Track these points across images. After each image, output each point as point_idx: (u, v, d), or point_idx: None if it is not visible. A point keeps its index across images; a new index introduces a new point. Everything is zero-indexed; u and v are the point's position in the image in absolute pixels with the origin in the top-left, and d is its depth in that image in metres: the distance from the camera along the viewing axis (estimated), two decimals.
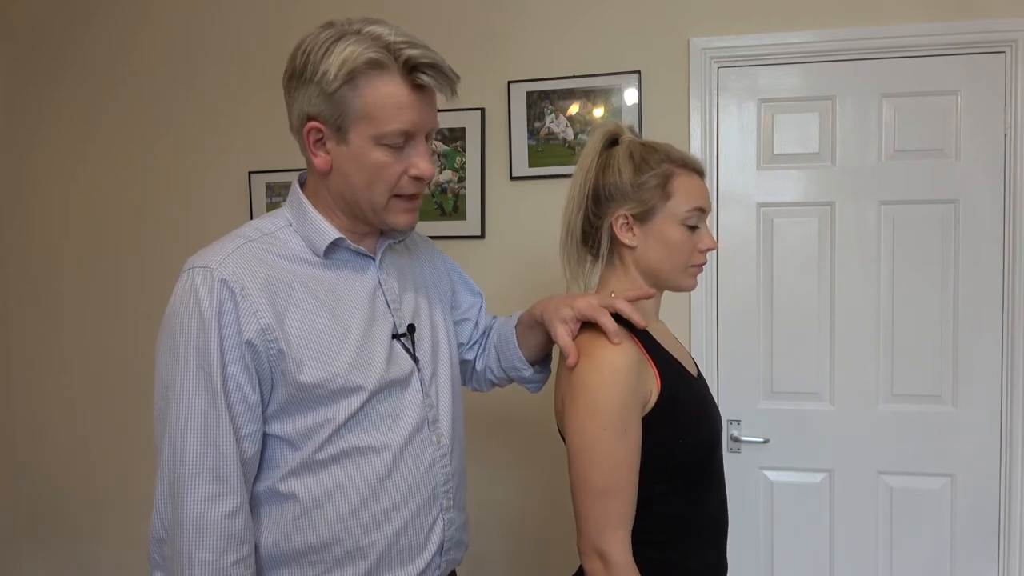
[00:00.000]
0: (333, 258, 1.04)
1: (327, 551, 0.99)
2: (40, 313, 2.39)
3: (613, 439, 1.00)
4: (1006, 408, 1.86)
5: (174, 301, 0.95)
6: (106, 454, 2.34)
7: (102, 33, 2.29)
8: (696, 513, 1.10)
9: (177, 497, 0.91)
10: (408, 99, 0.96)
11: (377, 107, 0.94)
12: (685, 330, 1.97)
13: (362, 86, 0.94)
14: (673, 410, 1.06)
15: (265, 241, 1.01)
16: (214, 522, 0.91)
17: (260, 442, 0.97)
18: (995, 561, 1.89)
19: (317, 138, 0.98)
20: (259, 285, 0.95)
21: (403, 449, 1.02)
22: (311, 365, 0.96)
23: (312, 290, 1.00)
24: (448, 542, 1.09)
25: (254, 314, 0.93)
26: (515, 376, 1.27)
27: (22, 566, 2.44)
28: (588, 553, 1.02)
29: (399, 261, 1.14)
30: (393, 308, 1.07)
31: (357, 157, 0.97)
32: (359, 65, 0.93)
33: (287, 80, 0.99)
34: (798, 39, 1.89)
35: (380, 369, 1.01)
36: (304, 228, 1.03)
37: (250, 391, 0.94)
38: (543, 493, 2.06)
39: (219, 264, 0.94)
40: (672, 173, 1.11)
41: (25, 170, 2.38)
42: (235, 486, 0.93)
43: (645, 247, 1.12)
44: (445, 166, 2.07)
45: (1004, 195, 1.85)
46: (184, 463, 0.91)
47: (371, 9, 2.04)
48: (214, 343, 0.92)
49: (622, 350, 1.02)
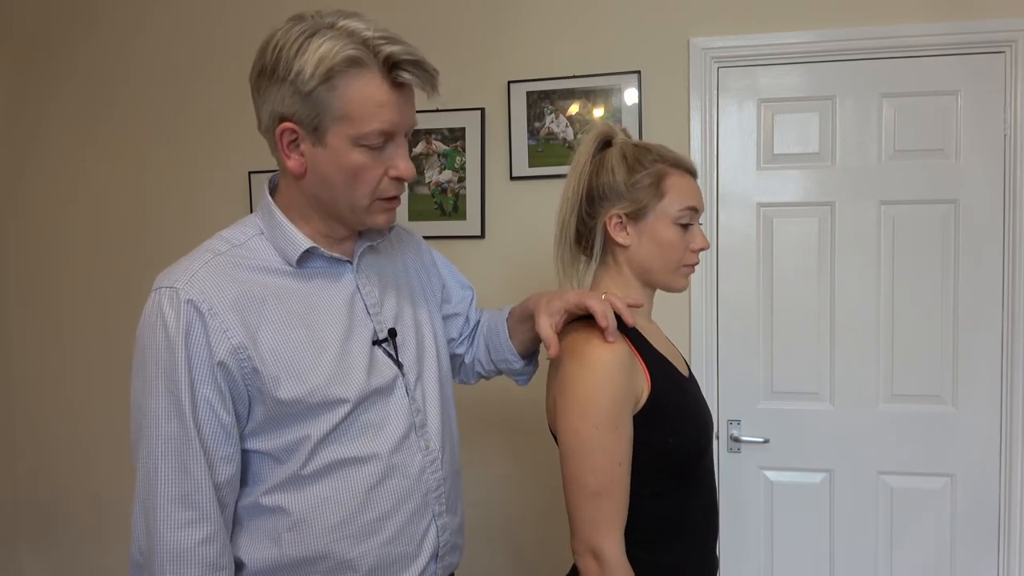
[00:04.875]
0: (307, 266, 1.00)
1: (316, 564, 0.97)
2: (40, 313, 2.39)
3: (605, 437, 1.00)
4: (1006, 408, 1.86)
5: (142, 323, 0.93)
6: (106, 454, 2.34)
7: (102, 34, 2.29)
8: (687, 512, 1.10)
9: (151, 524, 0.90)
10: (388, 98, 0.91)
11: (356, 107, 0.90)
12: (685, 330, 1.97)
13: (340, 85, 0.89)
14: (663, 409, 1.06)
15: (234, 254, 0.97)
16: (188, 549, 0.89)
17: (238, 463, 0.95)
18: (995, 561, 1.89)
19: (291, 139, 0.94)
20: (229, 303, 0.92)
21: (390, 457, 1.00)
22: (288, 381, 0.93)
23: (285, 303, 0.96)
24: (443, 548, 1.07)
25: (224, 333, 0.91)
26: (505, 368, 1.26)
27: (22, 566, 2.44)
28: (582, 552, 1.03)
29: (380, 262, 1.11)
30: (373, 313, 1.04)
31: (335, 159, 0.93)
32: (337, 63, 0.88)
33: (256, 77, 0.94)
34: (798, 39, 1.89)
35: (361, 379, 0.98)
36: (275, 237, 0.99)
37: (224, 413, 0.92)
38: (539, 492, 2.06)
39: (185, 283, 0.91)
40: (665, 173, 1.12)
41: (26, 171, 2.38)
42: (208, 513, 0.91)
43: (638, 246, 1.13)
44: (445, 166, 2.07)
45: (1004, 195, 1.85)
46: (156, 490, 0.89)
47: (372, 9, 2.04)
48: (182, 366, 0.89)
49: (612, 349, 1.03)
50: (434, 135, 2.07)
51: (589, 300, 1.04)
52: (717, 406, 1.99)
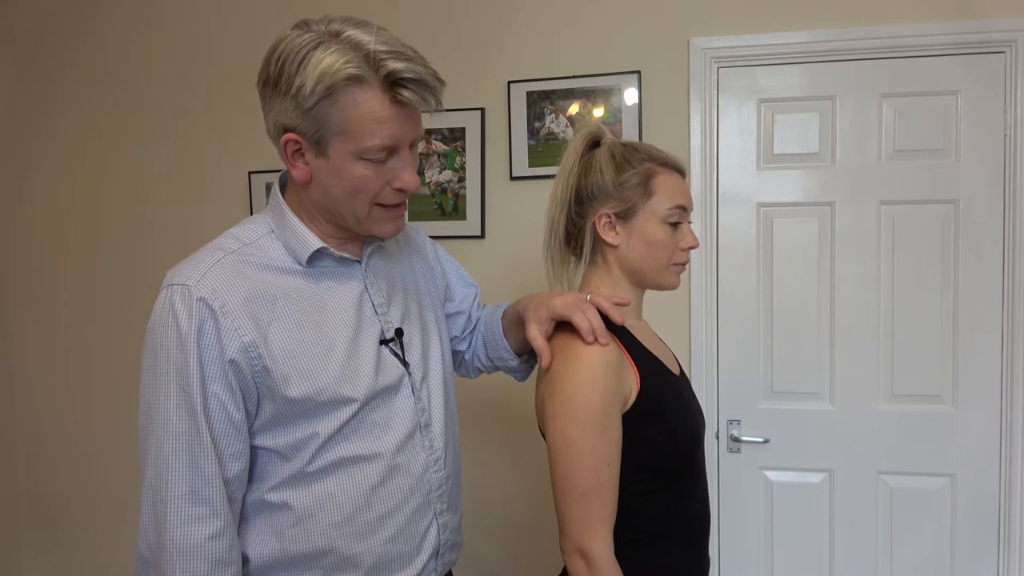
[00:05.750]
0: (317, 266, 1.01)
1: (318, 560, 0.98)
2: (41, 313, 2.39)
3: (593, 437, 1.00)
4: (1006, 408, 1.86)
5: (153, 320, 0.93)
6: (106, 454, 2.34)
7: (103, 34, 2.29)
8: (677, 512, 1.10)
9: (160, 519, 0.90)
10: (389, 114, 0.90)
11: (356, 123, 0.90)
12: (685, 330, 1.97)
13: (341, 101, 0.89)
14: (653, 408, 1.06)
15: (245, 252, 0.98)
16: (197, 545, 0.90)
17: (247, 459, 0.95)
18: (995, 561, 1.89)
19: (295, 149, 0.94)
20: (240, 301, 0.92)
21: (395, 456, 1.01)
22: (297, 380, 0.94)
23: (295, 302, 0.97)
24: (443, 545, 1.08)
25: (235, 332, 0.91)
26: (502, 366, 1.27)
27: (22, 566, 2.44)
28: (571, 552, 1.02)
29: (388, 263, 1.12)
30: (380, 313, 1.05)
31: (337, 171, 0.93)
32: (338, 81, 0.88)
33: (261, 86, 0.95)
34: (798, 39, 1.89)
35: (369, 378, 0.99)
36: (285, 236, 1.00)
37: (234, 410, 0.92)
38: (535, 488, 2.06)
39: (198, 281, 0.92)
40: (654, 172, 1.12)
41: (26, 171, 2.38)
42: (218, 508, 0.91)
43: (627, 246, 1.13)
44: (445, 166, 2.07)
45: (1004, 195, 1.85)
46: (166, 485, 0.90)
47: (373, 10, 2.04)
48: (194, 364, 0.90)
49: (600, 349, 1.02)
50: (434, 135, 2.07)
51: (574, 315, 1.04)
52: (717, 406, 1.99)
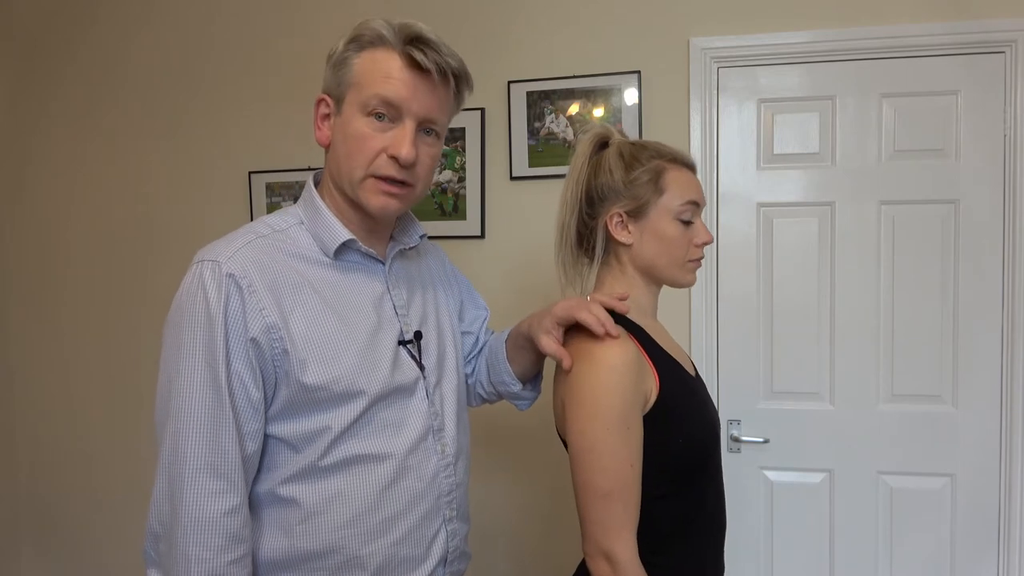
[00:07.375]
0: (343, 259, 1.03)
1: (325, 559, 0.98)
2: (40, 313, 2.39)
3: (615, 439, 0.99)
4: (1006, 408, 1.86)
5: (181, 294, 0.94)
6: (106, 454, 2.34)
7: (103, 34, 2.29)
8: (695, 513, 1.10)
9: (176, 493, 0.90)
10: (399, 73, 0.97)
11: (368, 75, 0.97)
12: (685, 330, 1.97)
13: (362, 56, 0.98)
14: (672, 410, 1.05)
15: (276, 238, 1.00)
16: (213, 519, 0.89)
17: (261, 441, 0.96)
18: (995, 561, 1.89)
19: (324, 112, 1.02)
20: (266, 283, 0.94)
21: (407, 458, 1.01)
22: (315, 366, 0.95)
23: (320, 291, 0.99)
24: (452, 553, 1.08)
25: (260, 311, 0.93)
26: (504, 391, 1.24)
27: (22, 566, 2.44)
28: (594, 555, 1.01)
29: (409, 268, 1.14)
30: (400, 314, 1.06)
31: (344, 126, 0.99)
32: (365, 37, 0.97)
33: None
34: (798, 39, 1.89)
35: (385, 374, 1.00)
36: (316, 227, 1.02)
37: (254, 389, 0.93)
38: (542, 498, 2.06)
39: (228, 258, 0.94)
40: (663, 168, 1.11)
41: (26, 171, 2.38)
42: (236, 484, 0.92)
43: (641, 244, 1.12)
44: (445, 166, 2.07)
45: (1004, 195, 1.85)
46: (185, 458, 0.90)
47: (375, 10, 2.04)
48: (220, 338, 0.91)
49: (620, 350, 1.01)
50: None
51: (579, 313, 1.04)
52: (717, 406, 1.98)
